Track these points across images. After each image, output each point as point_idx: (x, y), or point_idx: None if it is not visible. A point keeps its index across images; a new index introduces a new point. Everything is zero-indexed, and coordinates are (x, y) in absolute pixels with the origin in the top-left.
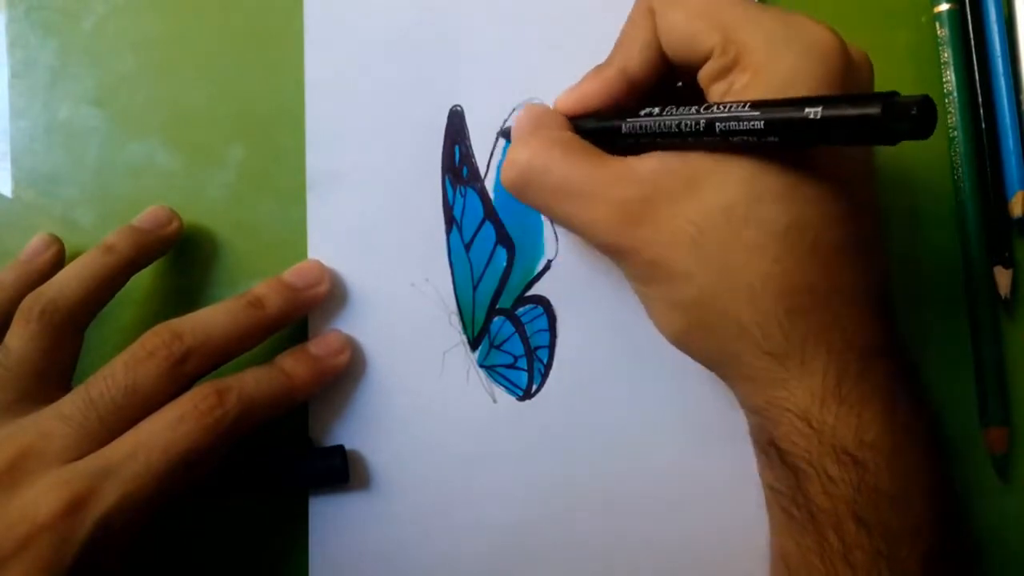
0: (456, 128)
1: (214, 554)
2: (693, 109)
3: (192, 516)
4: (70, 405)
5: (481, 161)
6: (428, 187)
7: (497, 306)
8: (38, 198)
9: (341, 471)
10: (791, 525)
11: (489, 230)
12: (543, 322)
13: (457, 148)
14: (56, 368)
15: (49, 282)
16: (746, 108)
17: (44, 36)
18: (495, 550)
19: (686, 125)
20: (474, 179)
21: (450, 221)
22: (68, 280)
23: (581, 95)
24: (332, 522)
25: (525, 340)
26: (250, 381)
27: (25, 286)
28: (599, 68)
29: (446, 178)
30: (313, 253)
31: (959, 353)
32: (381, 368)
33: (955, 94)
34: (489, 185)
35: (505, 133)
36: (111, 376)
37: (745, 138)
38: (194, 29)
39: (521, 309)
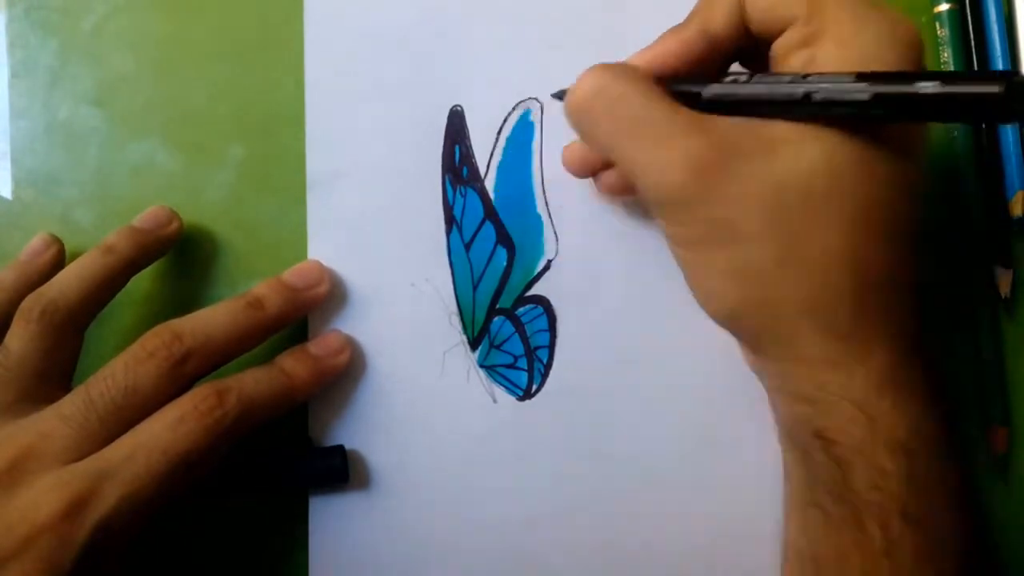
0: (456, 128)
1: (214, 554)
2: (787, 78)
3: (192, 516)
4: (70, 406)
5: (481, 161)
6: (428, 187)
7: (497, 306)
8: (38, 198)
9: (341, 471)
10: (827, 521)
11: (489, 230)
12: (543, 322)
13: (457, 148)
14: (56, 369)
15: (49, 282)
16: (851, 80)
17: (44, 36)
18: (495, 550)
19: (781, 93)
20: (474, 179)
21: (450, 221)
22: (68, 280)
23: (658, 54)
24: (332, 522)
25: (525, 340)
26: (250, 381)
27: (25, 286)
28: (676, 29)
29: (446, 178)
30: (313, 253)
31: (959, 353)
32: (381, 368)
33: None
34: (489, 185)
35: (559, 95)
36: (111, 376)
37: (846, 110)
38: (194, 29)
39: (521, 309)
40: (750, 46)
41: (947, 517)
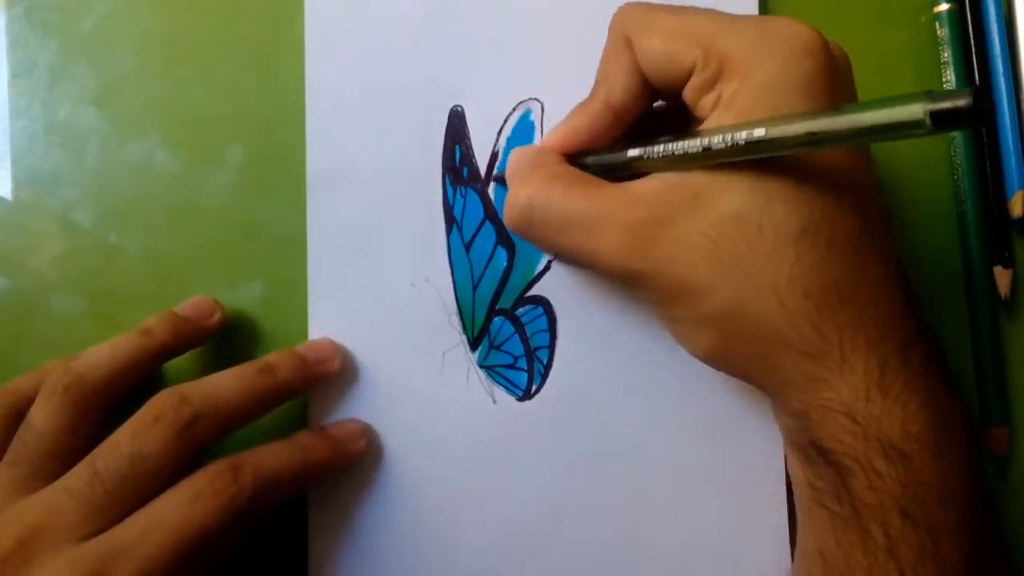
0: (456, 128)
1: None
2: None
3: None
4: (76, 479)
5: (481, 161)
6: (428, 187)
7: (497, 306)
8: (38, 198)
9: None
10: (832, 522)
11: (489, 230)
12: (543, 322)
13: (457, 148)
14: (75, 446)
15: (79, 357)
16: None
17: (44, 36)
18: (495, 550)
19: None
20: (474, 179)
21: (450, 221)
22: (99, 357)
23: (569, 132)
24: (332, 522)
25: (525, 340)
26: (266, 456)
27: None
28: (583, 104)
29: (446, 178)
30: (313, 253)
31: (959, 353)
32: (381, 368)
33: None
34: (489, 185)
35: (498, 179)
36: (117, 446)
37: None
38: (194, 29)
39: (521, 309)
40: (673, 97)
41: (949, 514)
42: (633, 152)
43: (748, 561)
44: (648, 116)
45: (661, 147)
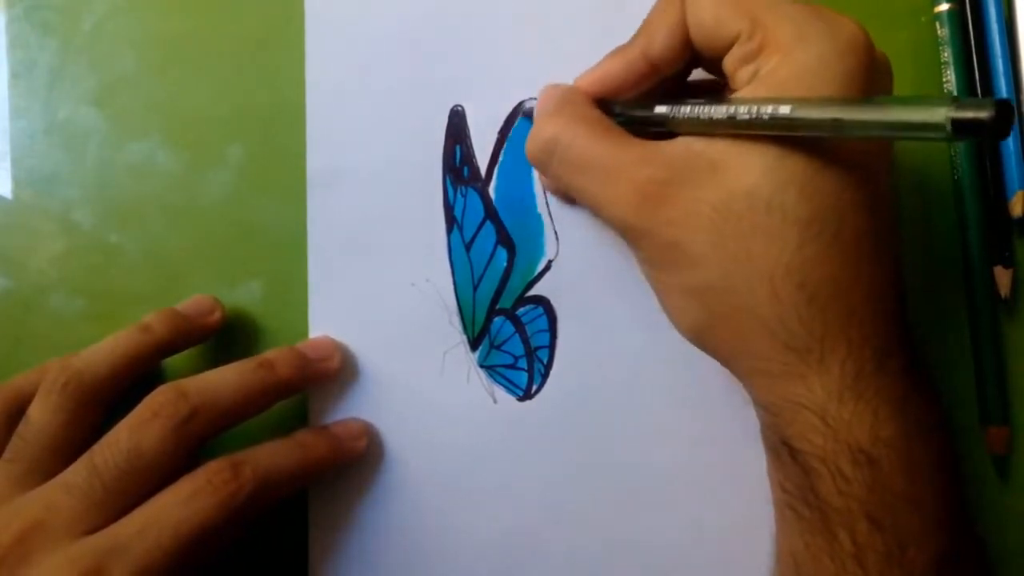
0: (457, 128)
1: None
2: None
3: None
4: (74, 475)
5: (482, 161)
6: (429, 187)
7: (497, 306)
8: (38, 198)
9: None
10: (801, 525)
11: (490, 230)
12: (543, 322)
13: (458, 148)
14: (73, 443)
15: (79, 353)
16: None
17: (44, 36)
18: (495, 550)
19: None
20: (475, 179)
21: (451, 221)
22: (98, 354)
23: (603, 75)
24: (332, 522)
25: (525, 340)
26: (265, 454)
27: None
28: (621, 49)
29: (447, 178)
30: (313, 253)
31: (959, 353)
32: (381, 368)
33: (955, 94)
34: (490, 185)
35: (528, 113)
36: (115, 442)
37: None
38: (194, 29)
39: (521, 309)
40: (712, 63)
41: (917, 521)
42: (661, 108)
43: (748, 561)
44: (684, 87)
45: (688, 108)
